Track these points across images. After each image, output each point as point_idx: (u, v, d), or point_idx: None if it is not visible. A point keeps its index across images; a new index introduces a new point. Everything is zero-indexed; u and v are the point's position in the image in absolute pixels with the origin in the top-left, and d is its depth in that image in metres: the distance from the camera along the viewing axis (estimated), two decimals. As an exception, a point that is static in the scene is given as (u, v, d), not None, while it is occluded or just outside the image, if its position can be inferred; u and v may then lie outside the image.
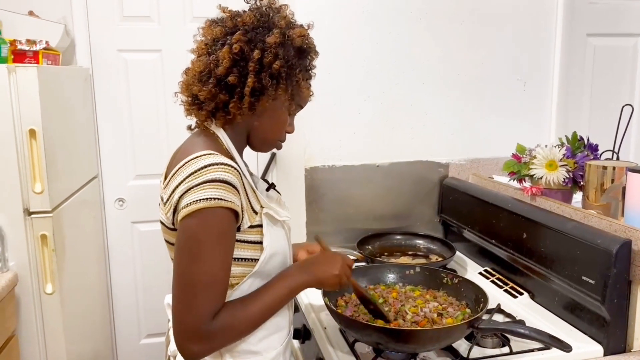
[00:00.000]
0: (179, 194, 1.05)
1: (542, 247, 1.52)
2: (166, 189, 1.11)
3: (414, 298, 1.45)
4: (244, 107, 1.11)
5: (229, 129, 1.17)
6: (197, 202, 1.01)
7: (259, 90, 1.11)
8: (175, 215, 1.07)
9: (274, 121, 1.18)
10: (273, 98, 1.12)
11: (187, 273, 1.02)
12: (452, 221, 2.03)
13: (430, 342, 1.25)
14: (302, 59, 1.17)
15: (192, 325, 1.01)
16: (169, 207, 1.08)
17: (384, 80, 2.00)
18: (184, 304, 1.02)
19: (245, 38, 1.10)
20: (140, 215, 2.69)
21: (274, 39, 1.09)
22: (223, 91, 1.11)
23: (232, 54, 1.09)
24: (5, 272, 1.85)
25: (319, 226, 2.01)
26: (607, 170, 1.54)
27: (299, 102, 1.21)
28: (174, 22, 2.58)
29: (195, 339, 1.02)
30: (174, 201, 1.06)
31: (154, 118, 2.63)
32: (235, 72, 1.09)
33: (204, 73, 1.11)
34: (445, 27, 2.02)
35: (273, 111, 1.16)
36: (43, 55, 2.07)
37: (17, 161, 1.84)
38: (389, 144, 2.03)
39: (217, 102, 1.12)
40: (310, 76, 1.21)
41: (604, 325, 1.34)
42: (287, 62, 1.12)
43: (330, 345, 1.39)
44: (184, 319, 1.02)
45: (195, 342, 1.02)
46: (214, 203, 1.01)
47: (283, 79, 1.12)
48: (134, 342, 2.80)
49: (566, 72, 2.14)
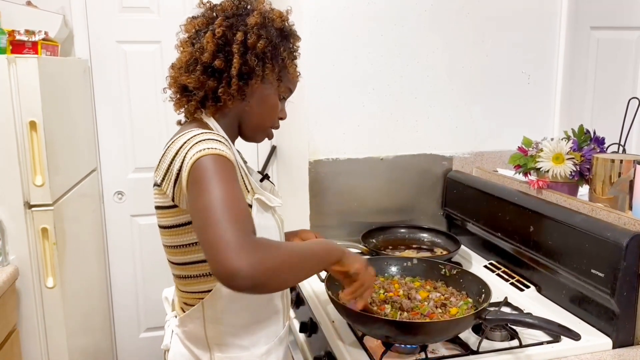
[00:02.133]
0: (177, 165, 1.03)
1: (550, 240, 1.52)
2: (158, 171, 1.10)
3: (415, 289, 1.45)
4: (232, 91, 1.11)
5: (219, 117, 1.16)
6: (195, 154, 0.99)
7: (246, 73, 1.11)
8: (176, 187, 1.04)
9: (265, 105, 1.18)
10: (261, 80, 1.13)
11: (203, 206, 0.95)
12: (456, 214, 2.03)
13: (438, 334, 1.25)
14: (285, 40, 1.18)
15: (226, 238, 0.89)
16: (168, 183, 1.05)
17: (388, 73, 1.98)
18: (212, 227, 0.91)
19: (227, 23, 1.12)
20: (140, 209, 2.67)
21: (254, 20, 1.11)
22: (211, 78, 1.11)
23: (216, 39, 1.10)
24: (5, 265, 1.83)
25: (322, 219, 2.00)
26: (615, 164, 1.54)
27: (288, 85, 1.21)
28: (173, 13, 2.56)
29: (234, 249, 0.88)
30: (174, 173, 1.03)
31: (153, 110, 2.61)
32: (221, 57, 1.10)
33: (190, 62, 1.12)
34: (450, 20, 2.01)
35: (262, 94, 1.16)
36: (42, 46, 2.04)
37: (17, 154, 1.82)
38: (393, 137, 2.02)
39: (206, 90, 1.12)
40: (295, 57, 1.21)
41: (612, 318, 1.34)
42: (270, 42, 1.13)
43: (340, 339, 1.38)
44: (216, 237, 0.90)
45: (236, 252, 0.88)
46: (212, 151, 0.99)
47: (269, 58, 1.13)
48: (134, 336, 2.79)
49: (570, 65, 2.13)
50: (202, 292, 1.14)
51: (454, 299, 1.40)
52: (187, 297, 1.18)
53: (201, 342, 1.17)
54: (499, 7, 2.04)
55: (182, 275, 1.16)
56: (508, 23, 2.06)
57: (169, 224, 1.12)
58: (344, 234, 2.01)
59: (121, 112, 2.59)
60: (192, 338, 1.18)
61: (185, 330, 1.19)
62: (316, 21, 1.91)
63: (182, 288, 1.19)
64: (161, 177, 1.08)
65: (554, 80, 2.14)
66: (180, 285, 1.19)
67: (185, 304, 1.19)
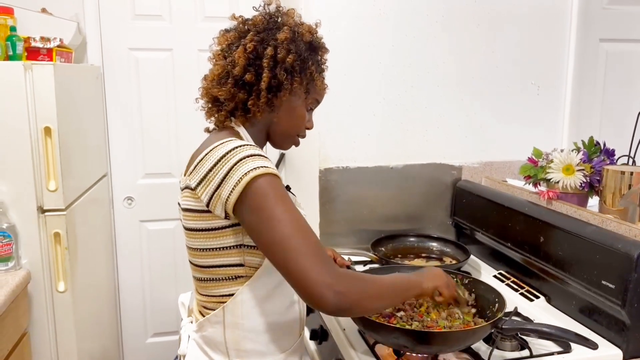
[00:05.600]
0: (220, 177, 1.04)
1: (560, 250, 1.53)
2: (193, 175, 1.10)
3: None
4: (261, 104, 1.15)
5: (248, 126, 1.20)
6: (246, 174, 1.01)
7: (275, 86, 1.15)
8: (214, 196, 1.05)
9: (292, 116, 1.21)
10: (289, 92, 1.17)
11: (276, 235, 1.00)
12: (464, 224, 2.04)
13: (454, 344, 1.25)
14: (314, 54, 1.22)
15: (318, 268, 0.97)
16: (204, 189, 1.06)
17: (399, 82, 2.00)
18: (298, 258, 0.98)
19: (258, 38, 1.16)
20: (149, 214, 2.69)
21: (284, 35, 1.15)
22: (241, 90, 1.16)
23: (247, 54, 1.14)
24: (18, 269, 1.85)
25: (332, 227, 2.01)
26: (625, 175, 1.55)
27: (315, 97, 1.25)
28: (185, 21, 2.59)
29: (328, 280, 0.96)
30: (213, 183, 1.04)
31: (163, 117, 2.63)
32: (251, 71, 1.14)
33: (222, 75, 1.17)
34: (460, 30, 2.03)
35: (290, 106, 1.20)
36: (56, 53, 2.07)
37: (31, 159, 1.84)
38: (403, 146, 2.04)
39: (236, 102, 1.17)
40: (322, 70, 1.25)
41: (623, 329, 1.35)
42: (299, 56, 1.16)
43: (351, 346, 1.39)
44: (307, 268, 0.97)
45: (330, 283, 0.96)
46: (263, 170, 1.02)
47: (297, 72, 1.16)
48: (141, 341, 2.80)
49: (579, 77, 2.15)
50: (223, 296, 1.16)
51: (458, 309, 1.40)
52: (207, 300, 1.19)
53: (220, 347, 1.18)
54: (509, 18, 2.06)
55: (204, 278, 1.17)
56: (518, 34, 2.08)
57: (198, 227, 1.12)
58: (353, 241, 2.02)
59: (132, 118, 2.61)
60: (211, 343, 1.19)
61: (203, 335, 1.20)
62: (328, 31, 1.91)
63: (203, 291, 1.20)
64: (197, 181, 1.08)
65: (563, 92, 2.16)
66: (200, 289, 1.20)
67: (205, 308, 1.20)
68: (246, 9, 1.29)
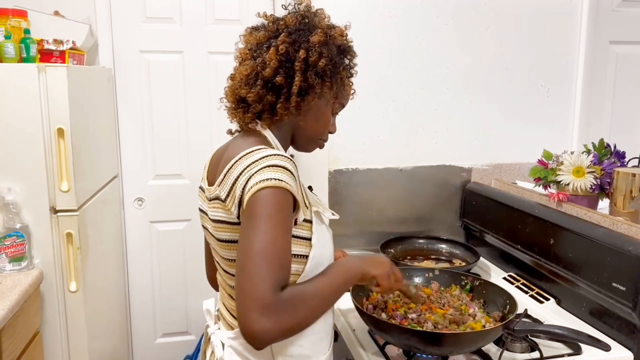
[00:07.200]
0: (240, 187, 1.03)
1: (571, 253, 1.53)
2: (222, 186, 1.09)
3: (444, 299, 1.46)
4: (291, 107, 1.13)
5: (274, 129, 1.18)
6: (257, 183, 1.00)
7: (305, 90, 1.13)
8: (240, 208, 1.05)
9: (319, 120, 1.20)
10: (319, 97, 1.14)
11: (248, 245, 0.98)
12: (474, 226, 2.04)
13: (466, 345, 1.26)
14: (344, 57, 1.19)
15: (255, 294, 0.94)
16: (232, 201, 1.06)
17: (409, 84, 2.01)
18: (247, 275, 0.96)
19: (290, 39, 1.12)
20: (159, 215, 2.70)
21: (317, 38, 1.12)
22: (270, 92, 1.13)
23: (279, 55, 1.11)
24: (31, 269, 1.86)
25: (341, 228, 2.01)
26: (636, 178, 1.55)
27: (342, 101, 1.23)
28: (195, 23, 2.60)
29: (258, 310, 0.94)
30: (237, 194, 1.04)
31: (174, 119, 2.64)
32: (282, 73, 1.11)
33: (250, 76, 1.13)
34: (470, 33, 2.03)
35: (318, 110, 1.18)
36: (69, 55, 2.09)
37: (44, 160, 1.85)
38: (412, 148, 2.04)
39: (264, 104, 1.14)
40: (352, 74, 1.23)
41: (634, 331, 1.35)
42: (331, 60, 1.14)
43: (361, 347, 1.39)
44: (247, 289, 0.96)
45: (259, 314, 0.94)
46: (273, 183, 1.00)
47: (328, 76, 1.14)
48: (150, 341, 2.81)
49: (589, 79, 2.15)
50: None
51: (475, 312, 1.40)
52: None
53: (265, 353, 1.15)
54: (518, 21, 2.06)
55: None
56: (528, 37, 2.08)
57: (231, 239, 1.11)
58: (363, 243, 2.03)
59: (142, 120, 2.63)
60: (254, 350, 1.12)
61: (243, 342, 1.15)
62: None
63: None
64: (226, 193, 1.08)
65: (573, 94, 2.16)
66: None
67: None
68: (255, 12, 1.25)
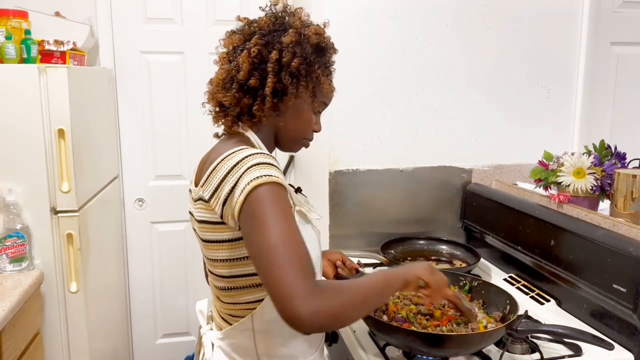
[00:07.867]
0: (228, 188, 1.03)
1: (571, 254, 1.52)
2: (206, 186, 1.09)
3: None
4: (267, 109, 1.13)
5: (256, 131, 1.18)
6: (249, 183, 0.99)
7: (280, 90, 1.13)
8: (225, 207, 1.04)
9: (299, 120, 1.19)
10: (295, 97, 1.14)
11: (263, 242, 0.96)
12: (474, 227, 2.04)
13: (468, 346, 1.26)
14: (320, 56, 1.18)
15: (291, 282, 0.91)
16: (217, 201, 1.05)
17: (409, 85, 2.01)
18: (275, 268, 0.93)
19: (263, 41, 1.13)
20: (160, 216, 2.71)
21: (289, 39, 1.12)
22: (246, 95, 1.13)
23: (251, 58, 1.12)
24: (31, 270, 1.87)
25: (342, 229, 2.02)
26: (637, 179, 1.55)
27: (322, 99, 1.22)
28: (196, 24, 2.61)
29: (300, 296, 0.91)
30: (223, 194, 1.04)
31: (174, 119, 2.65)
32: (255, 75, 1.12)
33: (226, 80, 1.14)
34: (470, 33, 2.03)
35: (297, 110, 1.17)
36: (70, 56, 2.09)
37: (45, 161, 1.86)
38: (413, 149, 2.04)
39: (241, 107, 1.14)
40: (330, 72, 1.22)
41: (634, 333, 1.35)
42: (305, 60, 1.13)
43: (362, 348, 1.39)
44: (279, 280, 0.92)
45: (302, 299, 0.90)
46: (265, 179, 0.99)
47: (303, 76, 1.13)
48: (150, 342, 2.82)
49: (590, 80, 2.14)
50: (251, 303, 1.13)
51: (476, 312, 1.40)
52: (232, 308, 1.16)
53: (250, 354, 1.16)
54: (519, 21, 2.06)
55: (228, 287, 1.14)
56: (528, 38, 2.08)
57: (215, 239, 1.10)
58: (363, 244, 2.03)
59: (143, 121, 2.63)
60: (240, 350, 1.16)
61: (232, 343, 1.17)
62: (338, 34, 1.92)
63: (227, 300, 1.16)
64: (210, 193, 1.07)
65: (573, 95, 2.15)
66: (224, 297, 1.17)
67: (231, 316, 1.17)
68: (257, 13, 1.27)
